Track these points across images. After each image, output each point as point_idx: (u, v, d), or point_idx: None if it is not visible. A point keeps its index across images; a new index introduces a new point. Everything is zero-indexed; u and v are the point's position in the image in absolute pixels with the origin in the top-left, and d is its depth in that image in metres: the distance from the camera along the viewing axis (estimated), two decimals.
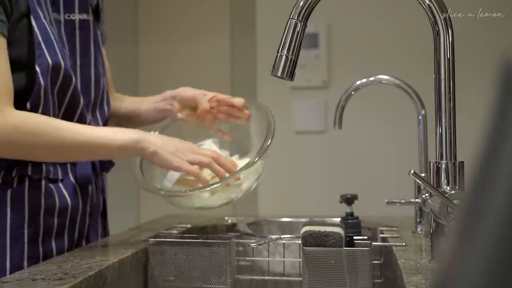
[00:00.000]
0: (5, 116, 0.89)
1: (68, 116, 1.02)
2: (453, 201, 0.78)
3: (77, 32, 1.07)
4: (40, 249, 0.98)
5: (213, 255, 1.02)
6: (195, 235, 1.17)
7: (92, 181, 1.08)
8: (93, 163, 1.10)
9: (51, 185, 1.01)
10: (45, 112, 0.97)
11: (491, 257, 0.18)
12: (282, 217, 1.39)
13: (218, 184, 1.02)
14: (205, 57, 2.62)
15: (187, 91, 1.19)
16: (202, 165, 1.01)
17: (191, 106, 1.19)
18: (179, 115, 1.20)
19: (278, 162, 2.13)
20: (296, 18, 0.86)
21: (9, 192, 0.96)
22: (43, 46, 0.95)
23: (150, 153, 0.96)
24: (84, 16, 1.07)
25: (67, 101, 1.01)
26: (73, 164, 1.05)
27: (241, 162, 1.13)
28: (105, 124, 1.15)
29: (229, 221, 1.34)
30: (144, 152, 0.96)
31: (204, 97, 1.18)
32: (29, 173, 0.98)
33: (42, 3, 0.99)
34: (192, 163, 1.00)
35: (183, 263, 1.03)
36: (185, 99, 1.19)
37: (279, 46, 0.86)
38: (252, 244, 1.04)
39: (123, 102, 1.28)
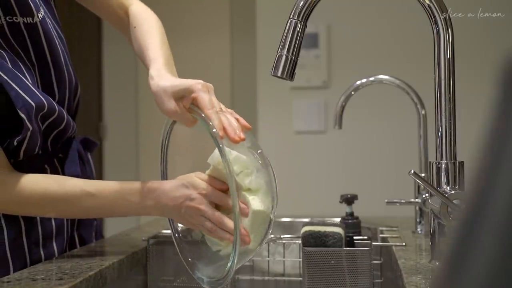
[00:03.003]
0: (5, 188, 0.87)
1: (51, 128, 0.97)
2: (453, 201, 0.78)
3: (25, 34, 0.93)
4: (42, 254, 0.96)
5: None
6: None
7: (80, 176, 1.01)
8: (80, 154, 1.06)
9: None
10: (30, 143, 0.91)
11: (494, 257, 0.18)
12: (282, 217, 1.38)
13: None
14: (205, 57, 2.62)
15: (159, 104, 0.90)
16: (205, 231, 0.90)
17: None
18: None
19: (278, 162, 2.13)
20: (296, 18, 0.86)
21: None
22: (12, 84, 0.86)
23: (161, 215, 0.94)
24: (29, 20, 0.93)
25: (50, 121, 0.95)
26: (60, 162, 1.01)
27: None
28: (77, 104, 1.07)
29: None
30: (156, 215, 0.95)
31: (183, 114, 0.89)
32: None
33: None
34: (197, 225, 0.90)
35: (183, 263, 1.03)
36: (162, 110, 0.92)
37: (279, 46, 0.86)
38: None
39: (134, 41, 1.09)
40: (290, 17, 0.86)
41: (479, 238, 0.19)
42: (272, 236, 1.10)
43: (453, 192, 0.81)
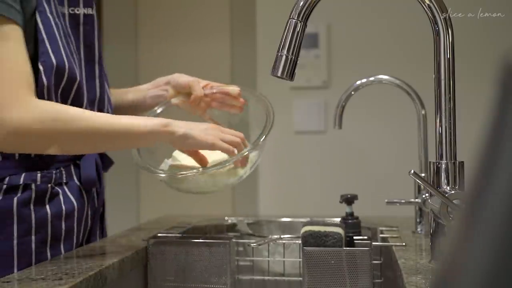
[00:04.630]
0: (27, 106, 0.86)
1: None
2: (453, 201, 0.78)
3: (81, 27, 1.04)
4: (48, 255, 0.97)
5: (213, 255, 1.02)
6: (195, 235, 1.17)
7: (96, 183, 1.07)
8: (96, 164, 1.08)
9: (56, 189, 0.99)
10: None
11: (492, 255, 0.18)
12: (282, 217, 1.38)
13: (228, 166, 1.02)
14: (205, 58, 2.62)
15: (181, 77, 1.17)
16: (233, 145, 0.99)
17: (185, 92, 1.16)
18: (174, 100, 1.17)
19: (278, 162, 2.13)
20: (296, 18, 0.86)
21: (15, 200, 0.94)
22: (47, 44, 0.93)
23: (180, 135, 0.94)
24: (89, 11, 1.05)
25: (70, 100, 0.99)
26: (77, 167, 1.04)
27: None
28: None
29: (229, 221, 1.34)
30: (173, 135, 0.94)
31: (198, 84, 1.15)
32: (38, 181, 0.96)
33: None
34: (224, 141, 0.98)
35: (183, 263, 1.03)
36: (180, 85, 1.16)
37: (279, 46, 0.86)
38: (252, 244, 1.04)
39: (110, 96, 1.23)
40: (290, 17, 0.86)
41: (477, 238, 0.19)
42: (272, 236, 1.10)
43: (453, 192, 0.81)
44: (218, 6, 2.64)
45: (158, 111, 1.17)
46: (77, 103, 1.00)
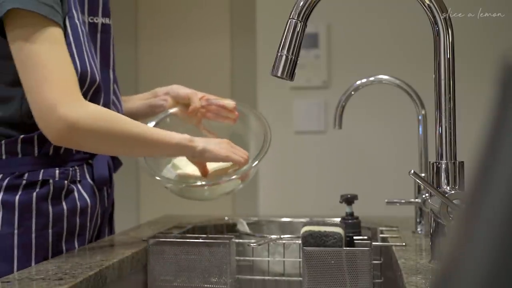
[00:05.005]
0: (80, 105, 0.92)
1: None
2: (453, 201, 0.78)
3: (99, 35, 1.09)
4: (64, 249, 1.01)
5: (213, 255, 1.02)
6: (195, 235, 1.17)
7: (108, 182, 1.12)
8: (108, 164, 1.12)
9: (71, 186, 1.03)
10: None
11: (492, 255, 0.18)
12: (282, 217, 1.38)
13: (233, 177, 1.12)
14: (205, 58, 2.62)
15: (180, 89, 1.25)
16: (230, 153, 1.08)
17: (183, 103, 1.24)
18: (172, 110, 1.24)
19: (278, 162, 2.13)
20: (296, 18, 0.86)
21: (34, 194, 0.98)
22: (73, 48, 0.98)
23: (200, 150, 1.03)
24: (107, 20, 1.11)
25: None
26: (90, 166, 1.08)
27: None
28: None
29: (229, 221, 1.34)
30: (195, 149, 1.03)
31: (196, 95, 1.23)
32: (56, 177, 1.01)
33: (77, 3, 1.01)
34: (226, 151, 1.08)
35: (183, 263, 1.03)
36: (179, 96, 1.24)
37: (279, 46, 0.86)
38: (252, 244, 1.04)
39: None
40: (290, 17, 0.86)
41: (477, 238, 0.19)
42: (272, 236, 1.10)
43: (453, 192, 0.81)
44: (218, 8, 2.64)
45: (158, 119, 1.23)
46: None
